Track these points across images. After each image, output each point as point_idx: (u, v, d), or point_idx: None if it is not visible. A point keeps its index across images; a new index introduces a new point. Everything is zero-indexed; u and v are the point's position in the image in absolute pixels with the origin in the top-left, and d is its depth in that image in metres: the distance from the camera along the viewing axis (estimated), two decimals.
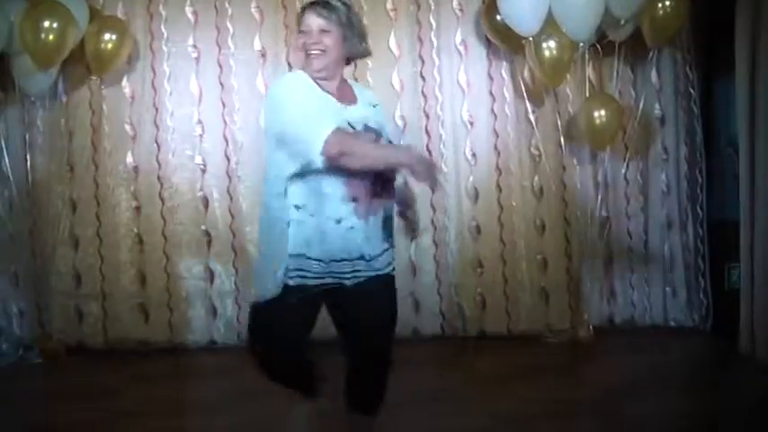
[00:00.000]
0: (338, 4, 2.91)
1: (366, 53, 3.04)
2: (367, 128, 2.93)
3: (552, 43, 4.94)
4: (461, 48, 5.38)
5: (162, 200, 5.29)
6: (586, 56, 5.08)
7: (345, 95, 2.97)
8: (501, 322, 5.35)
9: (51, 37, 4.75)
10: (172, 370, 4.93)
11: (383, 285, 2.99)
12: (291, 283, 2.84)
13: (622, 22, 4.87)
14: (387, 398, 3.03)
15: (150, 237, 5.29)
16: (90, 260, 5.30)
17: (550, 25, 4.88)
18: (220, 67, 5.28)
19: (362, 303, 2.94)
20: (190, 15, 5.27)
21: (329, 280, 2.88)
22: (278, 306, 2.85)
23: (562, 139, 5.28)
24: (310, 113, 2.80)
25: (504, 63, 5.34)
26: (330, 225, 2.84)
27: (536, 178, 5.39)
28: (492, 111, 5.39)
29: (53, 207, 5.24)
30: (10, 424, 3.99)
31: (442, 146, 5.36)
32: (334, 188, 2.83)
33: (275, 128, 2.87)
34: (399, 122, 5.33)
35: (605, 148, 5.19)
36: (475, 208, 5.39)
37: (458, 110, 5.38)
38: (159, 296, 5.30)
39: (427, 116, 5.37)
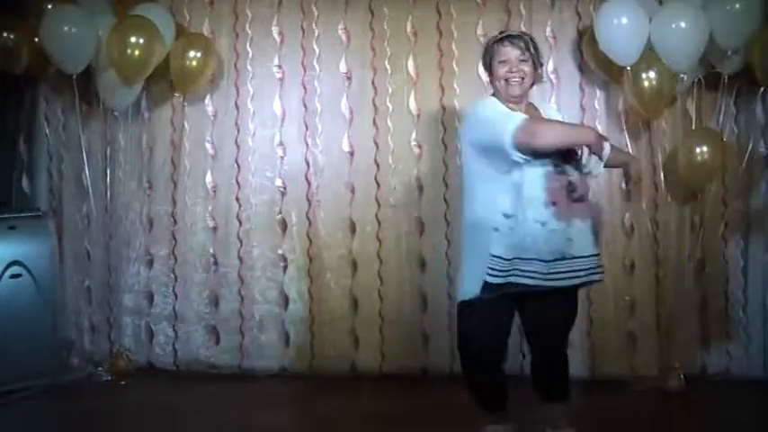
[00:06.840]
0: (526, 36, 3.52)
1: (542, 78, 3.63)
2: None
3: (651, 74, 4.70)
4: (553, 77, 5.14)
5: (239, 221, 5.19)
6: (693, 88, 4.81)
7: (531, 116, 3.44)
8: (584, 365, 5.04)
9: (137, 52, 4.73)
10: (239, 395, 4.81)
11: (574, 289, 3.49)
12: (500, 281, 3.32)
13: (729, 53, 4.60)
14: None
15: (225, 258, 5.20)
16: (163, 279, 5.25)
17: (650, 55, 4.65)
18: (305, 88, 5.15)
19: (558, 303, 3.49)
20: (276, 35, 5.18)
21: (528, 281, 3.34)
22: (480, 305, 3.40)
23: (662, 176, 4.97)
24: (501, 117, 3.31)
25: (598, 93, 5.11)
26: (536, 228, 3.28)
27: (627, 216, 5.12)
28: None
29: (130, 223, 5.22)
30: None
31: None
32: (536, 194, 3.29)
33: (473, 138, 3.40)
34: None
35: (705, 187, 4.90)
36: None
37: None
38: (232, 319, 5.20)
39: None
